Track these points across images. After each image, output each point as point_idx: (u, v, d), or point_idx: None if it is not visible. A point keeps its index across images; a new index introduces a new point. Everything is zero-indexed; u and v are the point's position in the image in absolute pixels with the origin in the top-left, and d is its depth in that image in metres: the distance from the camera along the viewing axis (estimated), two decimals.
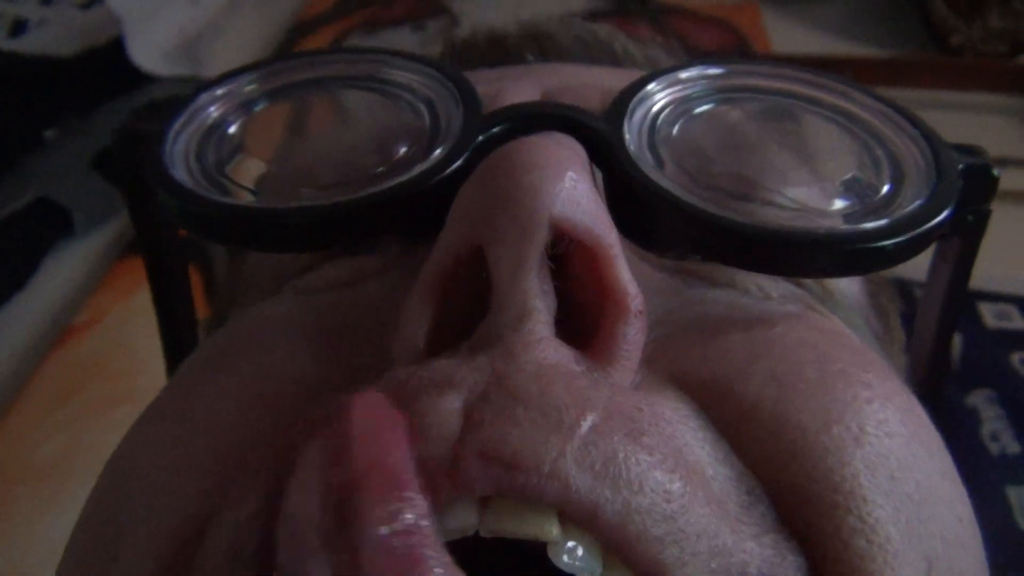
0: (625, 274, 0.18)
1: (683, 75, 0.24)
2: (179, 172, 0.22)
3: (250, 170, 0.23)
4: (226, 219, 0.21)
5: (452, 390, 0.17)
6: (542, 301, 0.18)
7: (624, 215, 0.20)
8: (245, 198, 0.22)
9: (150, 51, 0.80)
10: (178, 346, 0.29)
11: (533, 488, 0.16)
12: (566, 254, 0.18)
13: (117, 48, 0.79)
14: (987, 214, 0.24)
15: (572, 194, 0.18)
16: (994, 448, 0.50)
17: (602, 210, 0.18)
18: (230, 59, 0.24)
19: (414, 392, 0.17)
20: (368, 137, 0.23)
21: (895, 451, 0.19)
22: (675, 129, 0.23)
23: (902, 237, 0.20)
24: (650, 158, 0.21)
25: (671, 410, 0.18)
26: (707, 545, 0.16)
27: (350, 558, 0.14)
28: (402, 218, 0.21)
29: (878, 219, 0.21)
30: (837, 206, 0.21)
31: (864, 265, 0.21)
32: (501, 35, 0.32)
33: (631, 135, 0.22)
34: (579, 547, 0.16)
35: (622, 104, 0.22)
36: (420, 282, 0.18)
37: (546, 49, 0.31)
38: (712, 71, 0.24)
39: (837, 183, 0.22)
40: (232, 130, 0.24)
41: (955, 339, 0.51)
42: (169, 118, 0.23)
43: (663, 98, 0.23)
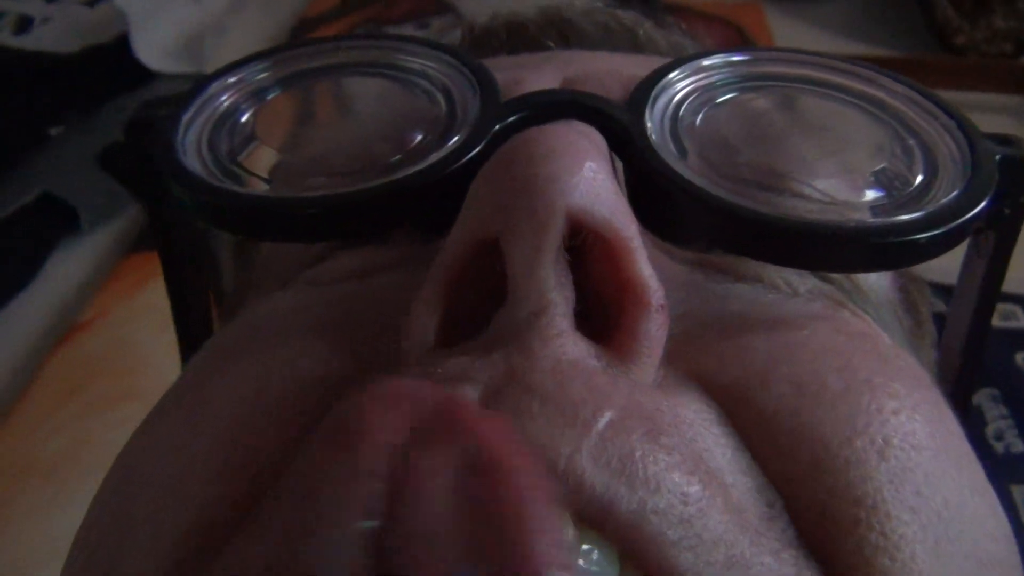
0: (646, 268, 0.18)
1: (706, 63, 0.23)
2: (191, 162, 0.22)
3: (263, 159, 0.22)
4: (238, 209, 0.21)
5: (467, 384, 0.16)
6: (560, 294, 0.17)
7: (645, 206, 0.20)
8: (258, 187, 0.21)
9: (155, 49, 0.80)
10: (192, 340, 0.29)
11: (548, 486, 0.15)
12: (584, 246, 0.18)
13: (122, 45, 0.79)
14: None
15: (591, 185, 0.17)
16: (999, 447, 0.50)
17: (622, 202, 0.18)
18: (234, 57, 0.24)
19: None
20: (383, 125, 0.23)
21: (922, 465, 0.18)
22: (698, 118, 0.22)
23: (936, 231, 0.19)
24: (672, 148, 0.21)
25: (692, 412, 0.18)
26: (724, 555, 0.16)
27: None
28: (416, 208, 0.21)
29: (911, 212, 0.20)
30: (867, 198, 0.21)
31: (896, 260, 0.21)
32: (521, 21, 0.31)
33: (653, 124, 0.21)
34: (595, 551, 0.16)
35: (644, 92, 0.22)
36: (432, 274, 0.18)
37: (567, 35, 0.30)
38: (736, 58, 0.24)
39: (867, 174, 0.21)
40: (244, 119, 0.23)
41: None
42: (181, 106, 0.23)
43: (686, 86, 0.23)
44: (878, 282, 0.25)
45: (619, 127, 0.21)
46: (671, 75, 0.23)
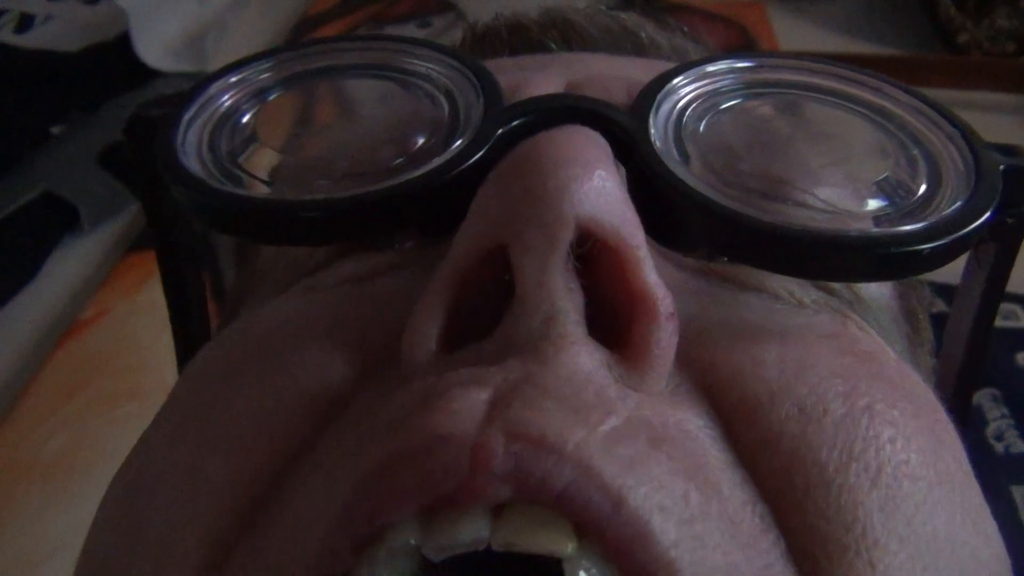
0: (653, 276, 0.18)
1: (710, 68, 0.23)
2: (192, 163, 0.22)
3: (264, 160, 0.22)
4: (239, 211, 0.21)
5: (479, 385, 0.16)
6: (569, 301, 0.17)
7: (648, 212, 0.19)
8: (259, 189, 0.21)
9: (156, 47, 0.80)
10: (190, 341, 0.29)
11: (555, 471, 0.15)
12: (590, 253, 0.17)
13: (123, 44, 0.79)
14: None
15: (601, 194, 0.17)
16: (999, 447, 0.50)
17: (631, 211, 0.18)
18: (235, 56, 0.24)
19: (443, 390, 0.16)
20: (385, 127, 0.23)
21: (915, 495, 0.18)
22: (702, 124, 0.22)
23: (940, 241, 0.19)
24: (676, 154, 0.21)
25: (695, 427, 0.18)
26: (722, 561, 0.16)
27: None
28: (419, 212, 0.20)
29: (914, 222, 0.20)
30: (870, 207, 0.20)
31: (898, 270, 0.21)
32: (524, 23, 0.31)
33: (656, 130, 0.21)
34: (594, 567, 0.16)
35: (648, 98, 0.22)
36: (435, 280, 0.18)
37: (570, 38, 0.30)
38: (740, 64, 0.23)
39: (871, 183, 0.21)
40: (245, 119, 0.23)
41: None
42: (181, 106, 0.23)
43: (690, 92, 0.22)
44: (878, 290, 0.25)
45: (623, 132, 0.20)
46: (675, 80, 0.22)
